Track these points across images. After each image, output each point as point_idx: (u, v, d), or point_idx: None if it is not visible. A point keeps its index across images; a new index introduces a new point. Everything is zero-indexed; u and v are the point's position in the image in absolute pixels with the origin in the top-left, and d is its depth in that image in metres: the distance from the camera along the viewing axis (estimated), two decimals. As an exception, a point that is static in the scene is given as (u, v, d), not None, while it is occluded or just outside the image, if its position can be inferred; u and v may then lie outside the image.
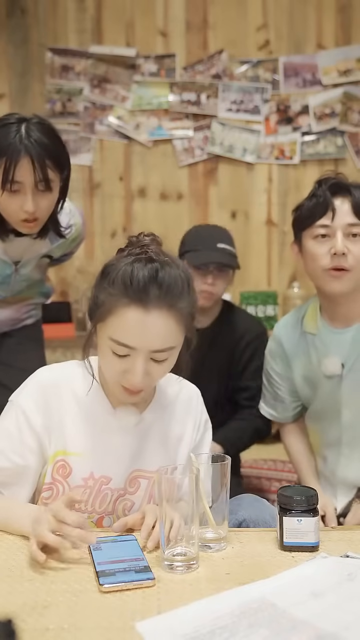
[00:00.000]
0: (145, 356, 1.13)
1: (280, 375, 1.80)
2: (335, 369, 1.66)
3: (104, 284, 1.15)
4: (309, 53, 3.69)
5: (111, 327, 1.13)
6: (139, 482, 1.26)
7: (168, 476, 1.06)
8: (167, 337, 1.13)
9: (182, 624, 0.85)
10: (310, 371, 1.73)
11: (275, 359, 1.80)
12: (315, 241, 1.60)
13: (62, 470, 1.22)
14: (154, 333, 1.12)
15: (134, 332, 1.11)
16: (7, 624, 0.77)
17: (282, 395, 1.82)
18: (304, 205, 1.64)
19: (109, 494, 1.24)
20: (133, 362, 1.13)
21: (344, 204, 1.59)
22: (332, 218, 1.58)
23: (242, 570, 1.02)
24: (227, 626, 0.83)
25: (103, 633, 0.84)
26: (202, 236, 2.08)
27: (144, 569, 0.99)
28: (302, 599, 0.91)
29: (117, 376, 1.17)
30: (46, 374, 1.28)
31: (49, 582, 0.97)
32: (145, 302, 1.10)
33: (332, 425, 1.71)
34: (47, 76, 3.74)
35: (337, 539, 1.14)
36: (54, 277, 3.79)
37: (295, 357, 1.76)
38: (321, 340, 1.69)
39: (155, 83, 3.73)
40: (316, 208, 1.59)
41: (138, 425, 1.27)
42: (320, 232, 1.59)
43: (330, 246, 1.58)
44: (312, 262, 1.62)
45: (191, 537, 1.03)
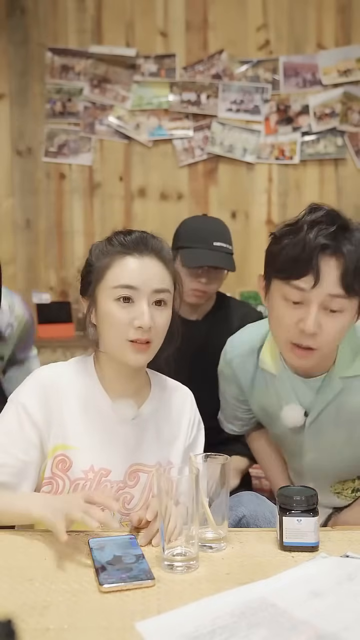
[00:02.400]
0: (148, 297, 1.22)
1: (236, 399, 1.66)
2: (297, 420, 1.46)
3: (96, 254, 1.28)
4: (309, 53, 3.69)
5: (111, 278, 1.23)
6: (138, 475, 1.29)
7: (167, 475, 1.06)
8: (162, 278, 1.25)
9: (182, 624, 0.85)
10: (269, 407, 1.55)
11: (230, 385, 1.63)
12: (286, 304, 1.30)
13: (62, 465, 1.25)
14: (152, 273, 1.23)
15: (134, 274, 1.22)
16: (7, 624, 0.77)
17: (240, 415, 1.71)
18: (284, 244, 1.29)
19: (108, 486, 1.26)
20: (139, 305, 1.21)
21: (332, 268, 1.26)
22: (312, 284, 1.25)
23: (242, 570, 1.02)
24: (227, 626, 0.83)
25: (103, 633, 0.84)
26: (197, 232, 1.98)
27: (144, 569, 0.99)
28: (302, 599, 0.91)
29: (125, 329, 1.22)
30: (45, 372, 1.31)
31: (49, 582, 0.97)
32: (139, 252, 1.24)
33: (294, 460, 1.60)
34: (47, 76, 3.74)
35: (337, 539, 1.14)
36: (54, 277, 3.79)
37: (253, 391, 1.58)
38: (282, 385, 1.48)
39: (155, 83, 3.73)
40: (297, 264, 1.25)
41: (136, 418, 1.30)
42: (294, 297, 1.27)
43: (300, 317, 1.28)
44: (276, 325, 1.35)
45: (191, 537, 1.03)
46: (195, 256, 1.92)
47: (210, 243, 1.94)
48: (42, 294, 3.71)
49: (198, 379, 1.48)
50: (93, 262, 1.29)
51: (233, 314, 2.09)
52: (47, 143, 3.76)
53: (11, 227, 3.80)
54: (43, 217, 3.80)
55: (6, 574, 1.00)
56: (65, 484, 1.24)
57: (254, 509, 1.26)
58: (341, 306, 1.28)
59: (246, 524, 1.25)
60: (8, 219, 3.79)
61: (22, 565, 1.03)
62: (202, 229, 2.00)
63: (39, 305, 3.62)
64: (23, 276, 3.81)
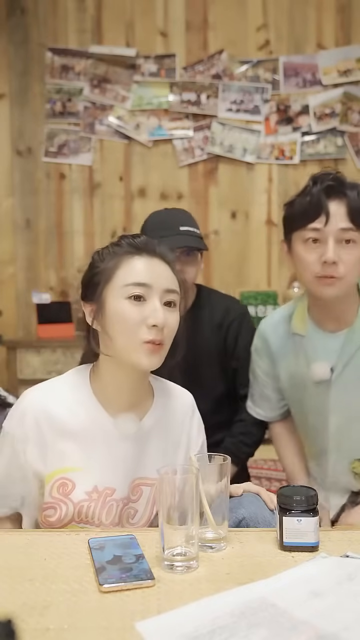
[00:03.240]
0: (160, 296, 1.20)
1: (266, 372, 1.76)
2: (323, 375, 1.59)
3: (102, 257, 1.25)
4: (309, 53, 3.69)
5: (122, 276, 1.21)
6: (141, 489, 1.26)
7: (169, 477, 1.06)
8: (172, 279, 1.23)
9: (182, 624, 0.85)
10: (296, 373, 1.68)
11: (262, 357, 1.75)
12: (306, 246, 1.51)
13: (63, 489, 1.21)
14: (162, 273, 1.22)
15: (146, 272, 1.21)
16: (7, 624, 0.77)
17: (268, 393, 1.78)
18: (295, 203, 1.54)
19: (114, 505, 1.23)
20: (152, 303, 1.19)
21: (339, 207, 1.48)
22: (325, 222, 1.47)
23: (242, 570, 1.02)
24: (227, 626, 0.83)
25: (103, 633, 0.84)
26: (162, 223, 1.95)
27: (143, 569, 0.99)
28: (302, 599, 0.91)
29: (138, 329, 1.18)
30: (36, 398, 1.25)
31: (49, 582, 0.97)
32: (148, 252, 1.23)
33: (319, 432, 1.67)
34: (47, 76, 3.74)
35: (337, 539, 1.14)
36: (54, 277, 3.79)
37: (282, 357, 1.70)
38: (310, 343, 1.63)
39: (155, 83, 3.73)
40: (309, 210, 1.48)
41: (138, 431, 1.26)
42: (311, 236, 1.49)
43: (321, 253, 1.48)
44: (302, 268, 1.54)
45: (191, 537, 1.03)
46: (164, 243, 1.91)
47: (176, 229, 1.91)
48: (42, 294, 3.71)
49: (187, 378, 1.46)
50: (99, 265, 1.24)
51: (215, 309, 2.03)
52: (47, 143, 3.76)
53: (11, 227, 3.80)
54: (43, 217, 3.80)
55: (6, 574, 1.00)
56: (69, 508, 1.20)
57: (254, 511, 1.25)
58: (353, 237, 1.49)
59: (246, 525, 1.24)
60: (8, 219, 3.79)
61: (22, 565, 1.03)
62: (166, 220, 1.98)
63: (39, 305, 3.62)
64: (23, 276, 3.81)
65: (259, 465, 2.79)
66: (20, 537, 1.14)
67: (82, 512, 1.21)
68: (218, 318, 2.01)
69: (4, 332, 3.62)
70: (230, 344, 2.01)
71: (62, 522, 1.21)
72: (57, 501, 1.21)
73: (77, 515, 1.21)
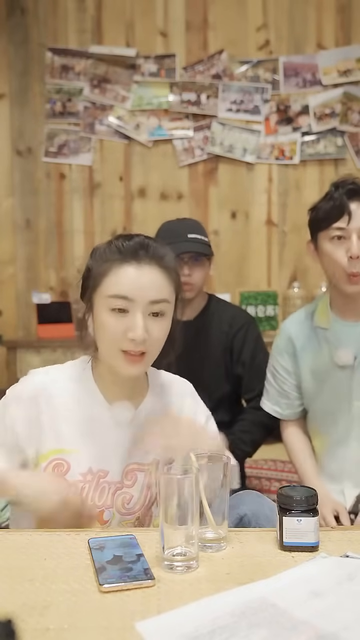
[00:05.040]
0: (144, 309, 1.19)
1: (287, 370, 1.83)
2: (348, 360, 1.71)
3: (95, 258, 1.25)
4: (309, 53, 3.69)
5: (107, 286, 1.20)
6: (135, 475, 1.29)
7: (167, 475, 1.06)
8: (161, 288, 1.21)
9: (182, 624, 0.85)
10: (319, 365, 1.77)
11: (283, 355, 1.83)
12: (332, 243, 1.66)
13: (59, 469, 1.24)
14: (148, 283, 1.20)
15: (130, 284, 1.19)
16: (7, 624, 0.77)
17: (288, 390, 1.84)
18: (320, 207, 1.69)
19: (106, 487, 1.26)
20: (133, 316, 1.18)
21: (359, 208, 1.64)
22: (347, 222, 1.62)
23: (242, 570, 1.02)
24: (227, 626, 0.83)
25: (103, 633, 0.84)
26: (172, 230, 2.10)
27: (143, 569, 0.99)
28: (302, 599, 0.91)
29: (118, 339, 1.20)
30: (39, 377, 1.30)
31: (49, 582, 0.97)
32: (137, 260, 1.20)
33: (340, 419, 1.75)
34: (47, 76, 3.74)
35: (337, 539, 1.14)
36: (54, 277, 3.79)
37: (305, 352, 1.80)
38: (333, 333, 1.75)
39: (155, 83, 3.73)
40: (332, 211, 1.64)
41: (133, 419, 1.30)
42: (336, 234, 1.64)
43: (346, 248, 1.64)
44: (330, 263, 1.68)
45: (191, 537, 1.03)
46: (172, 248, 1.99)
47: (184, 236, 2.05)
48: (42, 294, 3.71)
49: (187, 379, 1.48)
50: (92, 267, 1.26)
51: (222, 317, 2.15)
52: (47, 143, 3.76)
53: (11, 227, 3.80)
54: (43, 217, 3.80)
55: (6, 574, 1.00)
56: None
57: (255, 508, 1.26)
58: None
59: (247, 522, 1.25)
60: (8, 219, 3.79)
61: (22, 565, 1.03)
62: (176, 228, 2.13)
63: (39, 305, 3.62)
64: (23, 276, 3.81)
65: (259, 466, 2.79)
66: (20, 537, 1.14)
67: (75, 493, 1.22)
68: (226, 324, 2.12)
69: (4, 332, 3.62)
70: (237, 350, 2.11)
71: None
72: None
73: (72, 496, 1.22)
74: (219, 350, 2.11)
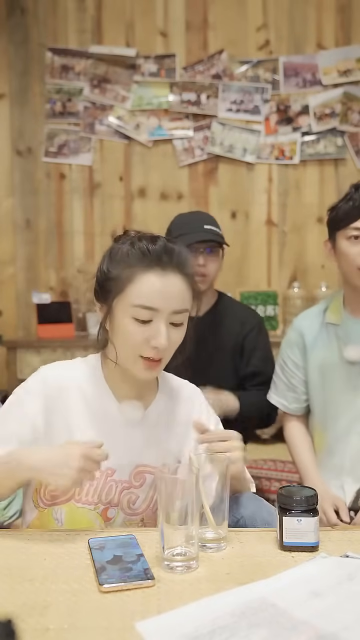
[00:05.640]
0: (167, 319, 1.20)
1: (296, 364, 1.89)
2: (357, 356, 1.77)
3: (116, 260, 1.23)
4: (309, 53, 3.69)
5: (133, 295, 1.20)
6: (144, 476, 1.29)
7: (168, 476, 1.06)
8: (184, 298, 1.22)
9: (182, 624, 0.85)
10: (328, 360, 1.82)
11: (293, 349, 1.89)
12: (349, 242, 1.73)
13: None
14: (174, 294, 1.21)
15: (156, 295, 1.19)
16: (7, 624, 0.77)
17: (296, 384, 1.89)
18: (339, 207, 1.77)
19: (113, 486, 1.26)
20: (157, 325, 1.19)
21: None
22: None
23: (242, 570, 1.02)
24: (227, 626, 0.83)
25: (103, 633, 0.84)
26: (187, 221, 2.14)
27: (144, 569, 0.99)
28: (302, 599, 0.91)
29: (139, 347, 1.21)
30: (52, 372, 1.30)
31: (49, 582, 0.97)
32: (163, 267, 1.20)
33: (343, 415, 1.79)
34: (47, 76, 3.74)
35: (337, 539, 1.14)
36: (54, 277, 3.79)
37: (315, 348, 1.85)
38: (344, 330, 1.80)
39: (155, 83, 3.73)
40: (351, 211, 1.72)
41: (143, 420, 1.30)
42: (354, 233, 1.72)
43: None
44: (345, 261, 1.76)
45: (191, 537, 1.03)
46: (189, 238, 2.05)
47: (200, 227, 2.09)
48: (42, 294, 3.70)
49: (196, 375, 1.49)
50: (112, 269, 1.24)
51: (233, 315, 2.18)
52: (47, 143, 3.76)
53: (11, 227, 3.80)
54: (43, 217, 3.80)
55: (6, 574, 1.00)
56: None
57: (252, 511, 1.25)
58: None
59: (244, 525, 1.25)
60: (8, 219, 3.79)
61: (22, 565, 1.03)
62: (191, 220, 2.17)
63: (39, 305, 3.62)
64: (23, 276, 3.81)
65: (258, 466, 2.79)
66: (20, 537, 1.14)
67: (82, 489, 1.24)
68: (237, 323, 2.15)
69: (4, 332, 3.62)
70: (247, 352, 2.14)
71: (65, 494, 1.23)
72: None
73: (77, 492, 1.24)
74: (229, 348, 2.13)
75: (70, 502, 1.24)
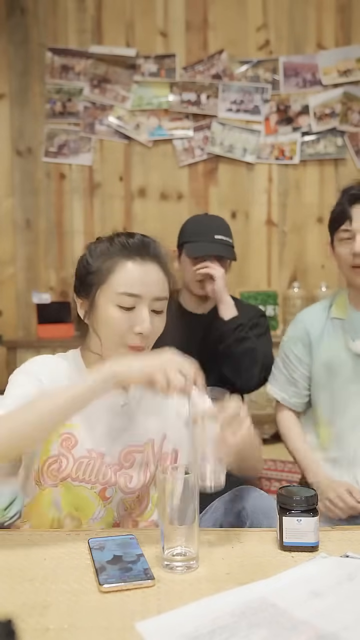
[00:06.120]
0: (149, 305, 1.25)
1: (299, 359, 1.90)
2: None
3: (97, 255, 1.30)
4: (309, 53, 3.69)
5: (115, 283, 1.26)
6: (133, 456, 1.32)
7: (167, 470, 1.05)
8: (163, 286, 1.29)
9: (182, 624, 0.85)
10: (334, 354, 1.84)
11: (297, 344, 1.91)
12: (340, 243, 1.82)
13: (67, 442, 1.27)
14: (154, 280, 1.27)
15: (138, 282, 1.25)
16: (7, 624, 0.77)
17: (297, 379, 1.90)
18: (333, 210, 1.86)
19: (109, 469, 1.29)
20: (140, 311, 1.24)
21: None
22: (350, 224, 1.78)
23: (242, 570, 1.02)
24: (227, 626, 0.83)
25: (103, 633, 0.84)
26: (199, 227, 2.15)
27: (143, 569, 0.99)
28: (302, 599, 0.91)
29: (124, 335, 1.24)
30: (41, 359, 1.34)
31: (49, 582, 0.97)
32: (142, 257, 1.27)
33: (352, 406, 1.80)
34: (47, 76, 3.74)
35: (337, 539, 1.14)
36: (54, 277, 3.79)
37: (319, 342, 1.88)
38: (350, 323, 1.84)
39: (155, 83, 3.73)
40: (338, 216, 1.83)
41: (125, 405, 1.34)
42: (344, 236, 1.81)
43: (350, 247, 1.79)
44: (340, 261, 1.84)
45: (191, 537, 1.03)
46: (198, 248, 2.07)
47: (211, 236, 2.10)
48: (42, 294, 3.70)
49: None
50: (93, 263, 1.30)
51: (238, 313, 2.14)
52: (47, 143, 3.76)
53: (11, 227, 3.80)
54: (43, 217, 3.80)
55: (6, 574, 1.00)
56: (69, 462, 1.26)
57: (253, 504, 1.26)
58: None
59: (246, 516, 1.25)
60: (8, 219, 3.79)
61: (22, 565, 1.03)
62: (204, 225, 2.17)
63: (39, 305, 3.62)
64: (23, 276, 3.81)
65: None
66: (20, 537, 1.14)
67: (80, 468, 1.26)
68: None
69: (4, 332, 3.62)
70: None
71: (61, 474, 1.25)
72: (60, 455, 1.26)
73: (75, 471, 1.26)
74: None
75: (67, 481, 1.25)
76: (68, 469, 1.25)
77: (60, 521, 1.26)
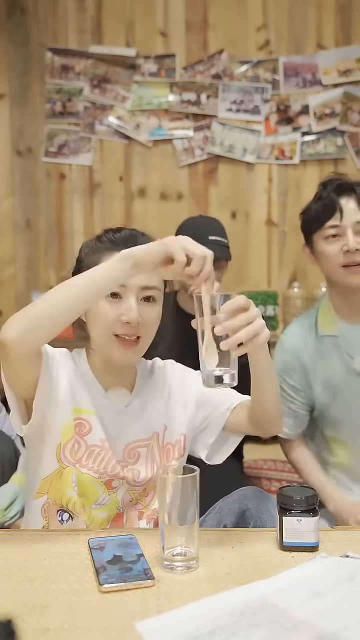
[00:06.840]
0: (137, 294, 1.25)
1: (295, 389, 1.77)
2: None
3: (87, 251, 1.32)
4: (309, 53, 3.69)
5: None
6: (137, 452, 1.33)
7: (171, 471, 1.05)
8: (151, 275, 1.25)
9: (182, 624, 0.85)
10: (333, 375, 1.71)
11: (290, 373, 1.76)
12: (327, 242, 1.65)
13: (80, 428, 1.28)
14: None
15: None
16: (7, 624, 0.77)
17: (296, 410, 1.78)
18: (311, 208, 1.70)
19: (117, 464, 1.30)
20: (127, 301, 1.24)
21: (349, 202, 1.64)
22: (340, 218, 1.63)
23: (242, 570, 1.02)
24: (227, 626, 0.83)
25: (103, 633, 0.84)
26: (194, 229, 2.14)
27: (143, 569, 0.99)
28: (302, 599, 0.91)
29: (112, 325, 1.24)
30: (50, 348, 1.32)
31: (49, 582, 0.97)
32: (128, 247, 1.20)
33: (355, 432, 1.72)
34: (47, 76, 3.74)
35: (337, 539, 1.14)
36: (54, 277, 3.79)
37: (315, 365, 1.73)
38: (344, 340, 1.71)
39: (155, 83, 3.73)
40: (324, 210, 1.65)
41: (128, 405, 1.35)
42: (331, 232, 1.64)
43: (341, 244, 1.63)
44: (327, 262, 1.67)
45: (191, 537, 1.03)
46: None
47: (205, 237, 2.10)
48: (42, 294, 3.70)
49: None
50: (82, 259, 1.33)
51: None
52: (47, 143, 3.76)
53: (11, 227, 3.80)
54: (43, 217, 3.80)
55: (6, 574, 1.00)
56: (81, 448, 1.27)
57: (257, 504, 1.26)
58: None
59: (250, 516, 1.25)
60: (8, 219, 3.79)
61: (22, 565, 1.03)
62: (198, 227, 2.19)
63: (39, 305, 3.62)
64: (23, 276, 3.81)
65: (258, 466, 2.79)
66: (20, 537, 1.14)
67: (91, 456, 1.27)
68: None
69: (4, 332, 3.61)
70: None
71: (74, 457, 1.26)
72: (76, 438, 1.27)
73: (86, 458, 1.27)
74: None
75: (75, 466, 1.26)
76: (80, 454, 1.27)
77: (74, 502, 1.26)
